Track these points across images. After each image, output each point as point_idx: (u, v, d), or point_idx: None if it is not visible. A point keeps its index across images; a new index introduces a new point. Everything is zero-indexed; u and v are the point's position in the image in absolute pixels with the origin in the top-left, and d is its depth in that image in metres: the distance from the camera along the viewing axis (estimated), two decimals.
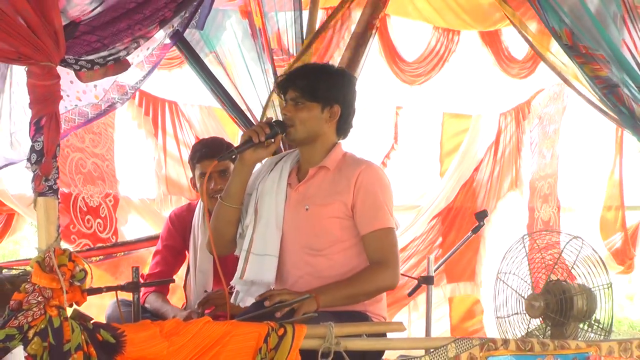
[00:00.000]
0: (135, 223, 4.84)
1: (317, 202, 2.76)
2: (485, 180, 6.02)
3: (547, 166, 6.07)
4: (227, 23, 4.05)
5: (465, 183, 5.99)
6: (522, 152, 6.13)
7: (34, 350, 2.01)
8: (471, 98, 5.78)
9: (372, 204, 2.74)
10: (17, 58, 2.11)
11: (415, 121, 5.98)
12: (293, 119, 2.78)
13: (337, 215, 2.75)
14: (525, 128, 6.11)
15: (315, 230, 2.76)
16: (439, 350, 2.47)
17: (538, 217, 6.07)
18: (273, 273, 2.78)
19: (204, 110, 5.21)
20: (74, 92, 2.97)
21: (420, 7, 5.00)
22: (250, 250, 2.80)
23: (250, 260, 2.79)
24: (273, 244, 2.79)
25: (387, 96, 5.59)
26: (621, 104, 3.08)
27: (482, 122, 6.06)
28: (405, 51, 5.23)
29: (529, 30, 3.73)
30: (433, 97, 5.62)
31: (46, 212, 2.11)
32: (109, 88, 3.10)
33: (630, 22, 2.98)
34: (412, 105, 5.82)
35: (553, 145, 6.05)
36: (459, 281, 5.91)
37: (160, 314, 3.36)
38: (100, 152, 4.66)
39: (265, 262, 2.78)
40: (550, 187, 6.05)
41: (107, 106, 3.12)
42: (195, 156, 3.49)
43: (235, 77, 3.97)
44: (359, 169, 2.77)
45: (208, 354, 2.22)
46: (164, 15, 2.43)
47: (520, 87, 5.77)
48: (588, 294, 3.30)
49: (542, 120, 6.07)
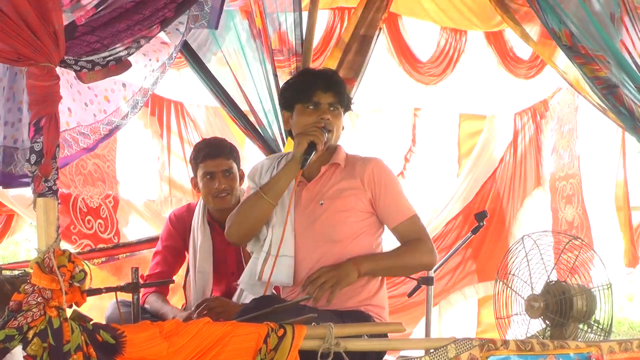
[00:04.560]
0: (136, 224, 4.83)
1: (333, 197, 2.81)
2: (508, 179, 5.98)
3: (566, 166, 6.03)
4: (232, 23, 4.05)
5: (485, 184, 5.96)
6: (542, 152, 6.10)
7: (33, 351, 2.01)
8: (484, 98, 5.75)
9: (393, 197, 2.85)
10: (16, 59, 2.11)
11: (433, 123, 5.95)
12: (332, 125, 2.81)
13: (353, 208, 2.81)
14: (543, 127, 6.08)
15: (331, 222, 2.80)
16: (439, 350, 2.47)
17: (562, 217, 6.02)
18: (291, 273, 2.80)
19: (210, 110, 5.20)
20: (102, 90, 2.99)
21: (427, 8, 5.01)
22: (269, 252, 2.82)
23: (269, 262, 2.81)
24: (289, 244, 2.81)
25: (403, 97, 5.58)
26: (621, 105, 3.09)
27: (497, 123, 6.02)
28: (418, 51, 5.24)
29: (531, 41, 3.75)
30: (449, 98, 5.61)
31: (46, 213, 2.11)
32: (137, 90, 3.11)
33: (630, 23, 2.98)
34: (428, 106, 5.80)
35: (569, 145, 6.01)
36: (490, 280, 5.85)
37: (160, 314, 3.36)
38: (101, 152, 4.65)
39: (283, 263, 2.80)
40: (573, 188, 6.02)
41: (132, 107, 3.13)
42: (199, 156, 3.47)
43: (239, 78, 3.98)
44: (371, 164, 2.86)
45: (208, 354, 2.22)
46: (165, 15, 2.43)
47: (533, 87, 5.73)
48: (588, 295, 3.30)
49: (560, 120, 6.04)
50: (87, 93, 2.97)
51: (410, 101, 5.72)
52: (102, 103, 3.02)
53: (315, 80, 2.86)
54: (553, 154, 6.06)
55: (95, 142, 3.03)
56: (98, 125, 3.01)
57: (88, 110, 2.97)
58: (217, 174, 3.42)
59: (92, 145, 3.02)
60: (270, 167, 2.95)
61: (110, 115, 3.06)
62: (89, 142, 3.00)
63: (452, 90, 5.46)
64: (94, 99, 2.99)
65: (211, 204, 3.47)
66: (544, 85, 5.79)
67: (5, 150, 2.93)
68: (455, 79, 5.39)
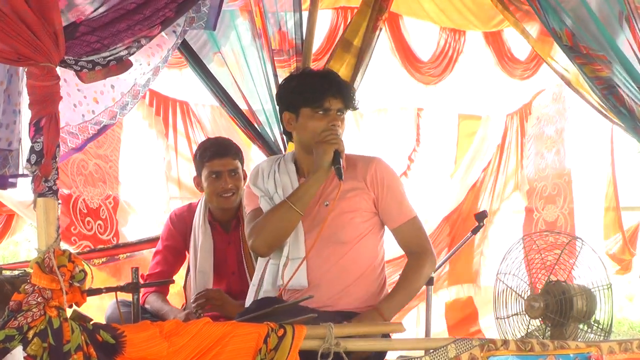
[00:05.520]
0: (136, 225, 4.82)
1: (337, 197, 2.78)
2: (492, 181, 6.01)
3: (548, 167, 6.05)
4: (233, 23, 4.04)
5: (474, 185, 5.99)
6: (524, 153, 6.12)
7: (34, 351, 2.01)
8: (481, 99, 5.77)
9: (395, 198, 2.86)
10: (16, 59, 2.11)
11: (434, 123, 5.93)
12: (341, 130, 2.82)
13: (359, 208, 2.82)
14: (526, 129, 6.11)
15: (338, 223, 2.79)
16: (438, 350, 2.48)
17: (539, 217, 6.05)
18: (304, 275, 2.79)
19: (215, 110, 5.17)
20: (91, 92, 2.99)
21: (427, 8, 5.01)
22: (288, 256, 2.82)
23: (289, 266, 2.81)
24: (301, 246, 2.82)
25: (406, 97, 5.58)
26: (621, 105, 3.08)
27: (491, 124, 6.04)
28: (419, 51, 5.24)
29: (531, 38, 3.75)
30: (449, 98, 5.61)
31: (46, 213, 2.11)
32: (127, 92, 3.11)
33: (633, 22, 2.98)
34: (430, 106, 5.80)
35: (555, 146, 6.03)
36: (462, 283, 5.89)
37: (160, 315, 3.36)
38: (104, 153, 4.64)
39: (297, 265, 2.79)
40: (558, 188, 6.03)
41: (121, 108, 3.12)
42: (206, 154, 3.46)
43: (239, 78, 3.98)
44: (373, 164, 2.87)
45: (208, 354, 2.22)
46: (165, 15, 2.42)
47: (526, 88, 5.77)
48: (588, 295, 3.30)
49: (539, 120, 6.06)
50: (76, 95, 2.96)
51: (412, 101, 5.72)
52: (91, 104, 3.01)
53: (326, 85, 2.82)
54: (532, 155, 6.08)
55: (83, 142, 3.03)
56: (86, 124, 3.00)
57: (77, 111, 2.96)
58: (224, 173, 3.42)
59: (81, 145, 3.01)
60: (270, 171, 2.94)
61: (99, 116, 3.05)
62: (77, 142, 3.00)
63: (452, 90, 5.47)
64: (83, 101, 2.98)
65: (215, 203, 3.47)
66: (533, 87, 5.83)
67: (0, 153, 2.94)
68: (454, 79, 5.39)
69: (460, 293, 5.89)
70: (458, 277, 5.84)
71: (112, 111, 3.08)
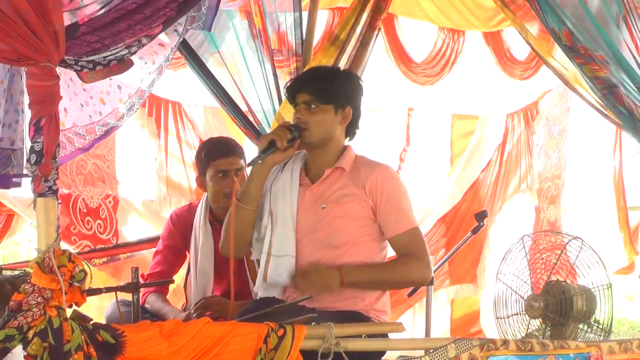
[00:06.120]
0: (135, 224, 4.82)
1: (334, 201, 2.80)
2: (492, 181, 6.00)
3: (554, 167, 6.06)
4: (231, 23, 4.04)
5: (473, 185, 5.98)
6: (533, 153, 6.12)
7: (34, 351, 2.01)
8: (479, 99, 5.75)
9: (393, 207, 2.82)
10: (16, 59, 2.11)
11: (426, 122, 5.93)
12: (307, 122, 2.81)
13: (354, 214, 2.80)
14: (534, 129, 6.10)
15: (332, 227, 2.79)
16: (438, 350, 2.48)
17: (544, 218, 6.05)
18: (291, 273, 2.80)
19: (208, 110, 5.17)
20: (97, 93, 2.99)
21: (425, 8, 5.01)
22: (270, 252, 2.82)
23: (271, 263, 2.82)
24: (290, 244, 2.82)
25: (398, 97, 5.57)
26: (621, 105, 3.08)
27: (489, 124, 6.04)
28: (413, 51, 5.23)
29: (530, 35, 3.75)
30: (443, 98, 5.60)
31: (46, 212, 2.11)
32: (134, 93, 3.11)
33: (631, 23, 2.98)
34: (422, 106, 5.80)
35: (558, 146, 6.04)
36: (462, 283, 5.89)
37: (161, 315, 3.36)
38: (101, 152, 4.64)
39: (283, 262, 2.80)
40: (557, 189, 6.04)
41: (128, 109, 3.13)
42: (212, 154, 3.45)
43: (237, 78, 3.97)
44: (376, 172, 2.84)
45: (208, 354, 2.22)
46: (166, 14, 2.42)
47: (527, 88, 5.75)
48: (588, 295, 3.30)
49: (548, 121, 6.06)
50: (82, 94, 2.97)
51: (406, 101, 5.72)
52: (97, 105, 3.03)
53: (296, 82, 2.92)
54: (541, 156, 6.08)
55: (90, 143, 3.04)
56: (94, 126, 3.01)
57: (84, 111, 2.97)
58: (230, 172, 3.41)
59: (88, 145, 3.03)
60: (276, 169, 2.95)
61: (106, 117, 3.06)
62: (84, 142, 3.00)
63: (449, 90, 5.46)
64: (90, 101, 2.99)
65: (220, 203, 3.44)
66: (536, 86, 5.81)
67: (2, 152, 2.94)
68: (453, 79, 5.38)
69: (461, 293, 5.89)
70: (458, 277, 5.84)
71: (118, 112, 3.08)
